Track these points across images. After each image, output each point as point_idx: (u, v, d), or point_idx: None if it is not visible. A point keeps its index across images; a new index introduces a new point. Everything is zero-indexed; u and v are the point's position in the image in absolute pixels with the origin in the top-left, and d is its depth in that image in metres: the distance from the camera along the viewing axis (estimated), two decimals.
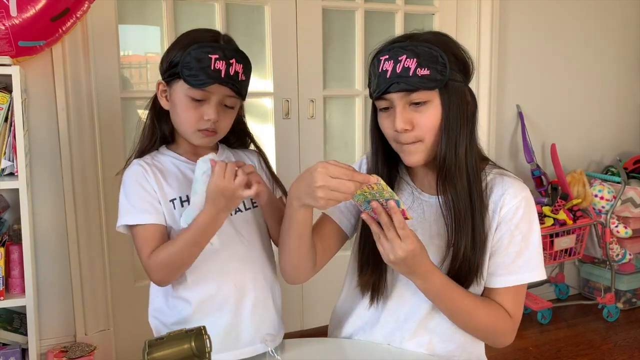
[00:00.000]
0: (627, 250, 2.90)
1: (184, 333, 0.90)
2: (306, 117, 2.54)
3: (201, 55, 1.10)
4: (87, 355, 1.98)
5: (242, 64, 1.15)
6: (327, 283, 1.75)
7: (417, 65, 1.00)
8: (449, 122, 1.04)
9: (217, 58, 1.10)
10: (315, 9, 2.50)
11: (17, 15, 1.64)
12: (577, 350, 2.56)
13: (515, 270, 1.09)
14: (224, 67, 1.11)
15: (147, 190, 1.16)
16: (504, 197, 1.10)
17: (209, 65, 1.10)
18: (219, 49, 1.12)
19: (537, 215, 1.13)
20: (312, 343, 1.27)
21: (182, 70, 1.11)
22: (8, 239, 1.87)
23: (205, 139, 1.18)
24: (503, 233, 1.10)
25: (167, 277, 1.15)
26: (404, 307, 1.16)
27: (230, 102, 1.17)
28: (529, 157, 2.83)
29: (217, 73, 1.11)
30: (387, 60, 1.02)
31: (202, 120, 1.14)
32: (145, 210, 1.15)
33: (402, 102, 1.04)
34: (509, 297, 1.11)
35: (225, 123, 1.19)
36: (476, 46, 2.70)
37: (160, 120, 1.23)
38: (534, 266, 1.10)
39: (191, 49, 1.11)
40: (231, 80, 1.13)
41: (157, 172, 1.18)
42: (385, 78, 1.02)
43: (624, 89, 3.23)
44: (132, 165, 1.20)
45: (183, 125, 1.17)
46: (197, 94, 1.13)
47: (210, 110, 1.13)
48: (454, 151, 1.05)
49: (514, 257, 1.09)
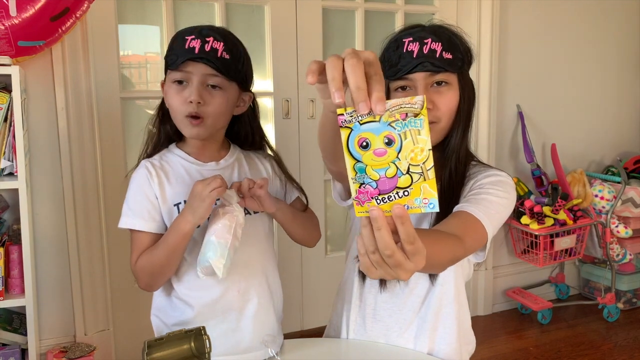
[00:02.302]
0: (628, 250, 2.90)
1: (183, 333, 0.90)
2: (306, 117, 2.54)
3: (178, 38, 1.13)
4: (86, 356, 1.97)
5: (222, 42, 1.13)
6: (327, 283, 1.75)
7: (443, 49, 1.03)
8: (463, 106, 1.08)
9: (192, 38, 1.11)
10: (315, 9, 2.50)
11: (17, 15, 1.63)
12: (578, 350, 2.56)
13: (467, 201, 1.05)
14: (199, 44, 1.11)
15: (148, 196, 1.15)
16: (479, 176, 1.11)
17: (182, 45, 1.11)
18: (196, 31, 1.13)
19: (512, 200, 1.09)
20: (311, 343, 1.27)
21: (166, 59, 1.15)
22: (8, 239, 1.87)
23: (193, 129, 1.13)
24: (467, 191, 1.09)
25: (151, 283, 1.15)
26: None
27: (215, 81, 1.13)
28: (529, 157, 2.82)
29: (191, 50, 1.11)
30: (412, 42, 1.04)
31: (186, 104, 1.11)
32: (141, 217, 1.15)
33: (424, 82, 1.05)
34: (458, 222, 1.01)
35: (212, 107, 1.13)
36: (476, 46, 2.69)
37: (164, 121, 1.23)
38: (482, 208, 1.02)
39: (175, 37, 1.15)
40: (207, 56, 1.11)
41: (162, 175, 1.17)
42: (412, 58, 1.03)
43: (624, 89, 3.22)
44: (139, 167, 1.19)
45: (173, 114, 1.16)
46: (178, 75, 1.13)
47: (190, 90, 1.11)
48: (460, 136, 1.09)
49: (468, 197, 1.06)
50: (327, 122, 0.79)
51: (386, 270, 0.62)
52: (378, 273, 0.63)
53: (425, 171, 0.59)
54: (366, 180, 0.61)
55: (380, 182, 0.60)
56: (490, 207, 1.02)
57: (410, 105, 0.59)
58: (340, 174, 1.06)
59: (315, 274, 2.58)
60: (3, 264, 1.75)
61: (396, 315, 1.18)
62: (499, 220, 1.05)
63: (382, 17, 2.69)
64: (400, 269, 0.61)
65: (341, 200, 1.17)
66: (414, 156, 0.59)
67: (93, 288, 2.17)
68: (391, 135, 0.59)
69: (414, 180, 0.60)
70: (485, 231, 0.99)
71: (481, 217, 0.99)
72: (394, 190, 0.60)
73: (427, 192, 0.59)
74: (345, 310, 1.25)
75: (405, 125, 0.59)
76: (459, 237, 0.92)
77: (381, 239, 0.59)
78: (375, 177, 0.60)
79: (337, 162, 0.93)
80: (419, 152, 0.59)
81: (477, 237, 0.99)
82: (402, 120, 0.59)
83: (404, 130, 0.59)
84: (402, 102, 0.59)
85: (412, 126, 0.59)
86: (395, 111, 0.59)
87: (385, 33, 1.11)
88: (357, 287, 1.22)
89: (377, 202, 0.61)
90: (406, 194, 0.60)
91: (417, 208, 0.60)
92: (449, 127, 1.08)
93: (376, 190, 0.61)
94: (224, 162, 1.23)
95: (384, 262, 0.61)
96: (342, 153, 0.60)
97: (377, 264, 0.62)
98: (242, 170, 1.24)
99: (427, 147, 0.59)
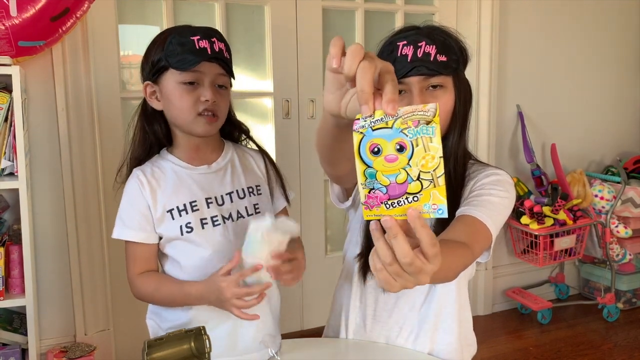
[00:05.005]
0: (627, 250, 2.90)
1: (183, 333, 0.90)
2: (306, 117, 2.54)
3: (182, 39, 1.11)
4: (87, 355, 1.98)
5: (223, 42, 1.16)
6: (327, 283, 1.75)
7: (437, 52, 1.03)
8: (460, 108, 1.08)
9: (199, 38, 1.11)
10: (315, 9, 2.50)
11: (17, 15, 1.64)
12: (577, 350, 2.56)
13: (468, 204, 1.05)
14: (208, 45, 1.11)
15: (139, 209, 1.16)
16: (479, 175, 1.11)
17: (193, 46, 1.10)
18: (198, 31, 1.13)
19: (512, 199, 1.10)
20: (311, 343, 1.27)
21: (168, 60, 1.11)
22: (8, 239, 1.87)
23: (208, 126, 1.15)
24: (468, 192, 1.09)
25: (146, 302, 1.22)
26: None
27: (223, 81, 1.16)
28: (529, 157, 2.82)
29: (203, 51, 1.11)
30: (406, 46, 1.04)
31: (200, 102, 1.12)
32: (134, 228, 1.16)
33: (419, 85, 1.05)
34: (463, 227, 1.02)
35: (223, 105, 1.17)
36: (476, 46, 2.70)
37: (151, 124, 1.21)
38: (486, 210, 1.03)
39: (171, 38, 1.12)
40: (218, 57, 1.13)
41: (154, 183, 1.17)
42: (406, 62, 1.03)
43: (624, 89, 3.22)
44: (131, 177, 1.19)
45: (182, 114, 1.14)
46: (189, 77, 1.12)
47: (206, 91, 1.12)
48: (457, 137, 1.08)
49: (470, 199, 1.06)
50: (325, 126, 0.79)
51: (406, 279, 0.60)
52: (398, 285, 0.61)
53: (435, 178, 0.59)
54: (376, 185, 0.60)
55: (390, 187, 0.60)
56: (493, 209, 1.03)
57: (422, 112, 0.59)
58: (337, 177, 1.06)
59: (315, 274, 2.58)
60: (3, 264, 1.75)
61: (396, 316, 1.18)
62: (502, 221, 1.06)
63: (382, 17, 2.69)
64: (421, 274, 0.59)
65: (339, 202, 1.17)
66: (425, 163, 0.59)
67: (93, 288, 2.17)
68: (403, 142, 0.59)
69: (424, 186, 0.59)
70: (490, 234, 1.00)
71: (486, 220, 1.00)
72: (404, 195, 0.60)
73: (436, 198, 0.59)
74: (344, 311, 1.25)
75: (417, 132, 0.59)
76: (467, 245, 0.93)
77: (399, 246, 0.58)
78: (385, 182, 0.60)
79: (335, 166, 0.93)
80: (430, 159, 0.59)
81: (483, 241, 1.00)
82: (415, 128, 0.59)
83: (416, 137, 0.59)
84: (415, 110, 0.59)
85: (424, 133, 0.59)
86: (408, 118, 0.59)
87: (385, 33, 1.11)
88: (357, 287, 1.21)
89: (387, 207, 0.61)
90: (416, 200, 0.60)
91: (426, 213, 0.60)
92: (446, 129, 1.08)
93: (386, 195, 0.60)
94: (216, 165, 1.23)
95: (404, 271, 0.59)
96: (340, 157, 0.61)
97: (396, 274, 0.60)
98: (235, 173, 1.24)
99: (438, 154, 0.58)
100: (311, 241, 2.61)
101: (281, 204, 1.31)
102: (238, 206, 1.20)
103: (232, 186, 1.22)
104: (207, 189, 1.19)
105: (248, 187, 1.23)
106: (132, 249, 1.18)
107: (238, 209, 1.20)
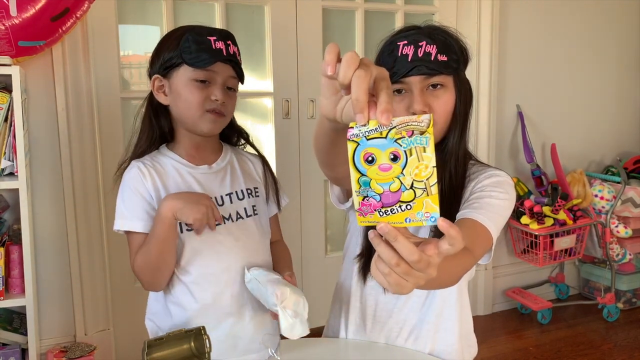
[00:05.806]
0: (627, 250, 2.90)
1: (183, 333, 0.90)
2: (306, 117, 2.54)
3: (199, 38, 1.13)
4: (87, 355, 1.98)
5: (236, 46, 1.18)
6: (327, 283, 1.75)
7: (437, 51, 1.03)
8: (460, 107, 1.08)
9: (215, 39, 1.13)
10: (315, 9, 2.50)
11: (17, 15, 1.64)
12: (577, 350, 2.56)
13: (469, 207, 1.05)
14: (224, 46, 1.14)
15: (143, 196, 1.15)
16: (480, 177, 1.11)
17: (210, 46, 1.12)
18: (215, 32, 1.15)
19: (513, 200, 1.10)
20: (311, 343, 1.27)
21: (182, 55, 1.13)
22: (8, 239, 1.87)
23: (214, 124, 1.16)
24: (469, 194, 1.09)
25: (153, 281, 1.14)
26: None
27: (233, 84, 1.18)
28: (529, 157, 2.82)
29: (219, 52, 1.13)
30: (407, 45, 1.04)
31: (209, 100, 1.14)
32: (138, 218, 1.14)
33: (420, 85, 1.05)
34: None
35: (231, 106, 1.19)
36: (476, 46, 2.70)
37: (158, 117, 1.22)
38: (486, 213, 1.03)
39: (188, 35, 1.13)
40: (232, 59, 1.15)
41: (155, 176, 1.17)
42: (407, 62, 1.03)
43: (624, 89, 3.23)
44: (131, 168, 1.18)
45: (190, 110, 1.15)
46: (202, 75, 1.13)
47: (217, 91, 1.14)
48: (457, 137, 1.08)
49: (471, 201, 1.06)
50: (322, 130, 0.79)
51: (417, 276, 0.60)
52: (410, 284, 0.60)
53: (428, 187, 0.59)
54: (370, 193, 0.61)
55: (384, 195, 0.61)
56: (493, 211, 1.03)
57: (416, 123, 0.59)
58: (336, 179, 1.06)
59: (315, 274, 2.58)
60: (3, 264, 1.75)
61: (396, 316, 1.18)
62: (502, 223, 1.06)
63: (382, 17, 2.69)
64: (430, 267, 0.59)
65: (339, 203, 1.17)
66: (418, 172, 0.59)
67: (93, 288, 2.17)
68: (397, 152, 0.60)
69: (417, 195, 0.60)
70: (491, 236, 1.00)
71: (487, 222, 1.00)
72: (397, 203, 0.61)
73: (429, 206, 0.60)
74: (343, 312, 1.25)
75: (411, 142, 0.59)
76: (468, 249, 0.92)
77: (402, 246, 0.58)
78: (379, 190, 0.61)
79: (334, 169, 0.93)
80: (423, 169, 0.59)
81: (484, 244, 1.00)
82: (409, 138, 0.59)
83: (410, 147, 0.59)
84: (409, 120, 0.60)
85: (417, 143, 0.59)
86: (402, 128, 0.59)
87: (385, 33, 1.11)
88: (357, 288, 1.21)
89: (380, 215, 0.61)
90: (409, 208, 0.60)
91: (418, 221, 0.61)
92: (446, 129, 1.08)
93: (379, 203, 0.61)
94: (216, 166, 1.23)
95: (412, 268, 0.59)
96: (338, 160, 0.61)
97: (406, 274, 0.59)
98: (234, 175, 1.25)
99: (431, 164, 0.59)
100: (311, 241, 2.61)
101: (273, 210, 1.32)
102: (237, 207, 1.21)
103: (231, 187, 1.22)
104: (207, 188, 1.19)
105: (247, 188, 1.24)
106: (136, 239, 1.15)
107: (237, 209, 1.21)
